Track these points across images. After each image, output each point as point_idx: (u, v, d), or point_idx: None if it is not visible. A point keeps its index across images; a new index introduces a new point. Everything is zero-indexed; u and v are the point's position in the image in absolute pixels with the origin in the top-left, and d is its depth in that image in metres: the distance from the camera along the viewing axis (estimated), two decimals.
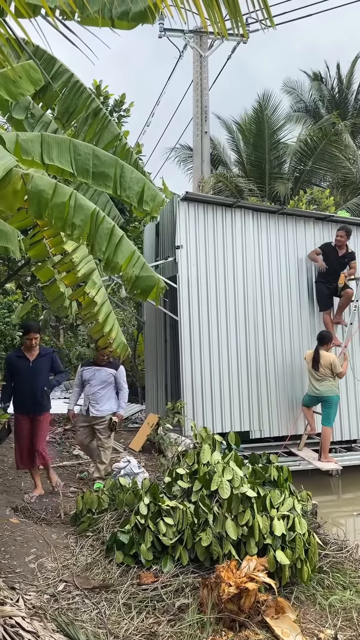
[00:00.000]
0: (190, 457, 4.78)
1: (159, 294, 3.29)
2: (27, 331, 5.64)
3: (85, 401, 6.14)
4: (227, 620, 3.31)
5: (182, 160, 18.50)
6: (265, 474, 4.53)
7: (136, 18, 2.85)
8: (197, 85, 15.66)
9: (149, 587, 3.73)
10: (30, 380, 5.57)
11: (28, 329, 5.65)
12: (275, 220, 8.17)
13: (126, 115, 7.85)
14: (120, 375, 6.23)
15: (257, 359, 7.85)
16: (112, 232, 3.00)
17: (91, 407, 6.05)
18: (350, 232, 8.01)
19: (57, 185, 2.90)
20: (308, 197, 11.38)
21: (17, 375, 5.61)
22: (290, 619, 3.28)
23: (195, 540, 3.98)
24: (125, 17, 2.84)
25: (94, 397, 6.06)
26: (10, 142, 3.17)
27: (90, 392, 6.08)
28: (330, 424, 7.39)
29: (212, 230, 7.81)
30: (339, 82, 19.16)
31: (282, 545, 3.82)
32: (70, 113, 3.94)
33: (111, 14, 3.29)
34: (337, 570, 4.07)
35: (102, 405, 6.08)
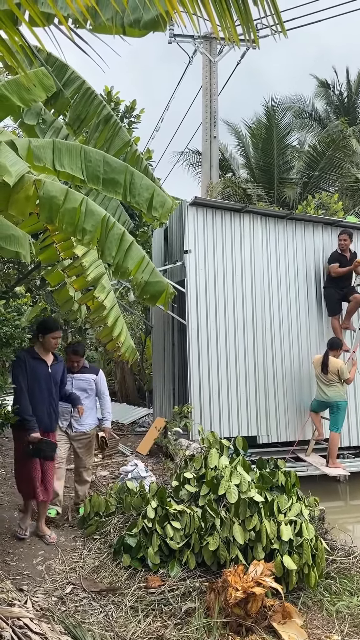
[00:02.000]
0: (197, 462, 4.80)
1: (168, 299, 3.32)
2: (51, 329, 4.70)
3: (63, 415, 5.23)
4: (234, 624, 3.31)
5: (190, 164, 18.57)
6: (273, 479, 4.54)
7: (148, 26, 2.89)
8: (207, 91, 15.74)
9: (156, 591, 3.74)
10: (49, 389, 4.66)
11: (52, 327, 4.74)
12: (283, 225, 8.19)
13: (137, 122, 7.91)
14: (101, 380, 5.51)
15: (265, 363, 7.85)
16: (122, 238, 3.03)
17: (74, 422, 5.27)
18: (352, 235, 8.05)
19: (68, 191, 2.94)
20: (316, 202, 11.38)
21: (34, 381, 4.59)
22: (297, 624, 3.28)
23: (202, 545, 3.99)
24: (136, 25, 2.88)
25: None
26: (22, 149, 3.21)
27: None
28: (338, 429, 7.36)
29: (221, 235, 7.83)
30: (347, 87, 19.19)
31: (289, 550, 3.82)
32: (81, 120, 3.98)
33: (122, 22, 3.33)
34: (345, 577, 4.06)
35: (86, 419, 5.28)
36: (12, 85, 3.57)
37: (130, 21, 3.01)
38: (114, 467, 7.25)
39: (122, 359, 4.87)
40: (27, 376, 4.58)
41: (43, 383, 4.62)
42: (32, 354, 4.67)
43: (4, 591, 3.50)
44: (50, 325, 4.75)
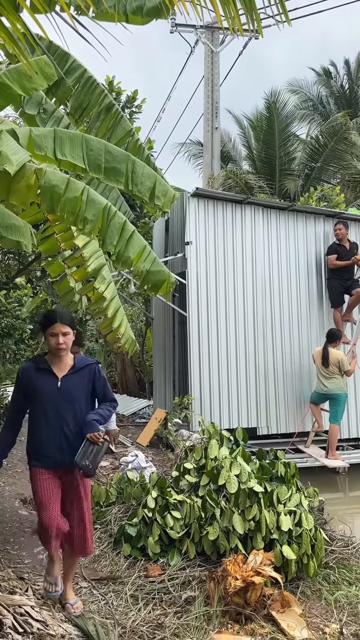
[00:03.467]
0: (197, 452, 4.82)
1: (169, 288, 3.31)
2: (46, 322, 3.26)
3: None
4: (234, 613, 3.34)
5: (192, 155, 18.48)
6: (273, 470, 4.56)
7: (150, 13, 2.86)
8: (208, 81, 15.63)
9: (156, 580, 3.77)
10: (58, 412, 3.25)
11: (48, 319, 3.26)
12: (285, 217, 8.16)
13: (138, 112, 7.87)
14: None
15: (266, 355, 7.86)
16: (123, 227, 3.02)
17: None
18: (347, 224, 8.06)
19: (69, 180, 2.92)
20: (318, 194, 11.34)
21: (36, 401, 3.29)
22: (296, 613, 3.31)
23: (202, 534, 4.01)
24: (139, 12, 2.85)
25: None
26: (23, 138, 3.19)
27: None
28: (338, 421, 7.38)
29: (222, 227, 7.81)
30: (348, 78, 19.06)
31: (288, 540, 3.84)
32: (83, 109, 3.95)
33: (125, 9, 3.31)
34: (343, 567, 4.09)
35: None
36: (13, 74, 3.54)
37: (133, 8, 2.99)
38: (114, 458, 7.28)
39: (122, 350, 4.87)
40: (27, 395, 3.30)
41: (48, 405, 3.23)
42: (37, 363, 3.33)
43: (5, 579, 3.52)
44: (45, 318, 3.29)
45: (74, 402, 3.28)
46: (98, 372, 3.38)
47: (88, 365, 3.35)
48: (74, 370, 3.31)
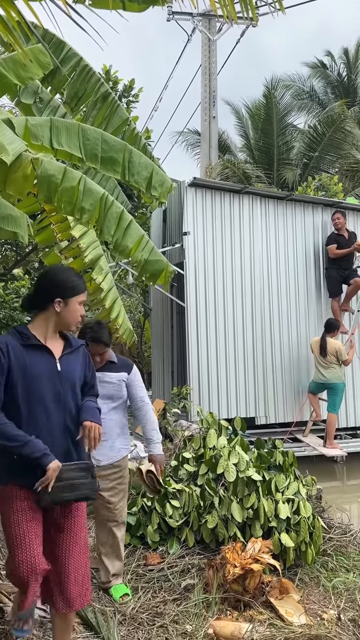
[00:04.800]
0: (196, 442, 4.84)
1: (168, 278, 3.31)
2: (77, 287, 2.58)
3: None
4: (232, 600, 3.37)
5: (190, 144, 18.39)
6: (271, 459, 4.58)
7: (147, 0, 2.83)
8: (206, 70, 15.50)
9: (155, 568, 3.80)
10: (60, 401, 2.51)
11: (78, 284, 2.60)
12: (283, 207, 8.14)
13: (135, 101, 7.81)
14: (136, 380, 3.57)
15: (264, 345, 7.88)
16: (120, 216, 3.02)
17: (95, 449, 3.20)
18: (345, 213, 8.06)
19: (66, 169, 2.91)
20: (316, 183, 11.30)
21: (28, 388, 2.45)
22: (295, 599, 3.34)
23: (201, 523, 4.04)
24: None
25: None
26: (19, 127, 3.17)
27: None
28: (336, 410, 7.42)
29: (220, 217, 7.79)
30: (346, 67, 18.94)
31: (286, 528, 3.87)
32: (79, 97, 3.93)
33: None
34: (341, 554, 4.13)
35: (114, 442, 3.47)
36: (9, 63, 3.52)
37: None
38: None
39: (120, 341, 4.88)
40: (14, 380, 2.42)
41: (47, 390, 2.46)
42: (24, 337, 2.49)
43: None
44: (73, 281, 2.56)
45: (75, 390, 2.57)
46: (89, 356, 2.73)
47: (82, 346, 2.68)
48: (71, 349, 2.60)
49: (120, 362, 3.55)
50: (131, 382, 3.52)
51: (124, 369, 3.53)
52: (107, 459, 3.44)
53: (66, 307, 2.53)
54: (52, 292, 2.52)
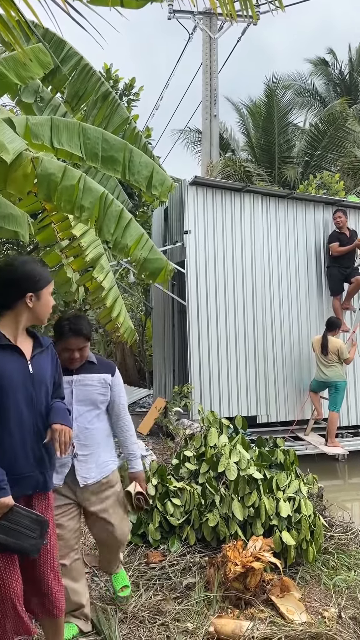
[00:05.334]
0: (197, 440, 4.84)
1: (167, 276, 3.31)
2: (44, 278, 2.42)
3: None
4: (233, 598, 3.38)
5: (191, 142, 18.37)
6: (272, 457, 4.58)
7: None
8: (207, 68, 15.49)
9: (157, 566, 3.80)
10: (32, 405, 2.37)
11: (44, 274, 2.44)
12: (284, 205, 8.14)
13: (136, 99, 7.82)
14: (118, 385, 3.15)
15: (265, 343, 7.88)
16: (120, 215, 3.02)
17: (80, 466, 2.94)
18: (346, 212, 8.07)
19: (66, 168, 2.92)
20: (318, 181, 11.29)
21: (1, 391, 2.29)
22: (295, 597, 3.34)
23: (202, 521, 4.05)
24: None
25: (84, 441, 2.95)
26: (20, 126, 3.17)
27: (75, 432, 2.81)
28: (337, 409, 7.42)
29: (221, 215, 7.79)
30: (349, 65, 18.91)
31: (287, 526, 3.88)
32: (79, 97, 3.93)
33: None
34: (342, 552, 4.13)
35: (99, 455, 3.03)
36: (9, 62, 3.52)
37: None
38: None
39: (121, 339, 4.88)
40: None
41: (19, 393, 2.32)
42: None
43: None
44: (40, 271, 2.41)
45: (48, 392, 2.44)
46: (58, 356, 2.58)
47: (50, 344, 2.52)
48: (41, 348, 2.45)
49: (101, 362, 3.12)
50: (114, 386, 3.08)
51: (105, 370, 3.08)
52: (93, 477, 2.96)
53: (38, 300, 2.37)
54: (21, 287, 2.33)
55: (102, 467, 3.01)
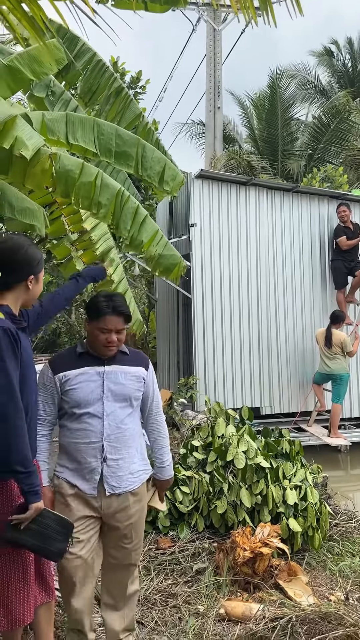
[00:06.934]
0: (204, 430, 4.94)
1: (181, 272, 3.39)
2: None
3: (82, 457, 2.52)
4: (242, 582, 3.49)
5: (194, 135, 18.37)
6: (278, 447, 4.69)
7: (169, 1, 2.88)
8: (210, 60, 15.45)
9: (167, 552, 3.91)
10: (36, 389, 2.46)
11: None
12: (289, 198, 8.20)
13: (142, 92, 7.86)
14: (153, 380, 2.75)
15: (269, 336, 7.97)
16: (136, 211, 3.09)
17: (109, 472, 2.52)
18: (349, 205, 8.13)
19: (84, 164, 2.98)
20: (321, 175, 11.33)
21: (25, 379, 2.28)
22: (303, 581, 3.46)
23: (210, 508, 4.15)
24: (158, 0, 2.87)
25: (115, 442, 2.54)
26: (36, 122, 3.24)
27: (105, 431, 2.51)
28: (340, 401, 7.52)
29: (226, 208, 7.85)
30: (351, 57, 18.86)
31: (294, 513, 3.98)
32: (92, 92, 3.98)
33: None
34: (347, 539, 4.24)
35: (133, 462, 2.61)
36: (24, 58, 3.57)
37: None
38: None
39: (130, 331, 4.96)
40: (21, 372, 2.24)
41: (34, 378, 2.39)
42: (15, 319, 2.31)
43: None
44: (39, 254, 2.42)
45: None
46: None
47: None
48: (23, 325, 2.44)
49: (133, 353, 2.71)
50: (148, 380, 2.69)
51: (139, 362, 2.68)
52: (123, 487, 2.56)
53: (37, 283, 2.38)
54: (25, 269, 2.33)
55: (134, 476, 2.59)
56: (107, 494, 2.51)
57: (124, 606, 2.66)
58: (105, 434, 2.49)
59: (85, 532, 2.50)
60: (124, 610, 2.66)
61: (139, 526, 2.68)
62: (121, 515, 2.56)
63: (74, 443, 2.51)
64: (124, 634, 2.65)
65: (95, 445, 2.49)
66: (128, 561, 2.65)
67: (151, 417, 2.76)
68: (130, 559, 2.65)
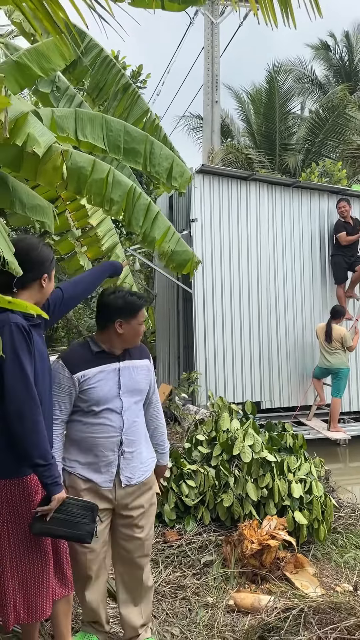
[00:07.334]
0: (208, 425, 4.99)
1: (194, 267, 3.41)
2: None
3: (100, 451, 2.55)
4: (250, 574, 3.54)
5: (192, 128, 18.35)
6: (281, 441, 4.74)
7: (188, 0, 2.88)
8: (208, 53, 15.40)
9: (174, 544, 3.96)
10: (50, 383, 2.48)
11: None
12: (289, 193, 8.23)
13: (143, 87, 7.85)
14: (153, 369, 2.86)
15: (269, 331, 8.02)
16: (148, 208, 3.11)
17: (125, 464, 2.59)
18: (349, 201, 8.18)
19: (95, 161, 3.00)
20: (320, 169, 11.35)
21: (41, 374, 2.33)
22: (309, 573, 3.52)
23: (216, 501, 4.20)
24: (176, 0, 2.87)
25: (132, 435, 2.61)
26: (46, 119, 3.24)
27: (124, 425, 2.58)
28: (340, 395, 7.59)
29: (227, 203, 7.87)
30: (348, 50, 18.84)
31: (300, 506, 4.04)
32: (100, 88, 3.98)
33: None
34: (350, 532, 4.31)
35: (142, 451, 2.69)
36: (32, 54, 3.57)
37: None
38: None
39: None
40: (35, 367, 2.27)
41: (47, 375, 2.42)
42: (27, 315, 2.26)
43: None
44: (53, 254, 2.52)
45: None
46: None
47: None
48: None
49: (136, 347, 2.73)
50: (152, 372, 2.81)
51: (145, 354, 2.76)
52: (137, 477, 2.63)
53: (50, 282, 2.45)
54: (39, 269, 2.39)
55: (145, 466, 2.68)
56: (122, 485, 2.58)
57: (140, 602, 2.73)
58: (124, 428, 2.57)
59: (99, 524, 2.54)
60: (140, 605, 2.73)
61: (150, 514, 2.73)
62: (134, 504, 2.62)
63: (91, 438, 2.54)
64: (142, 629, 2.72)
65: (114, 440, 2.55)
66: (140, 552, 2.69)
67: (151, 406, 2.84)
68: (142, 550, 2.69)
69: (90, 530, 2.32)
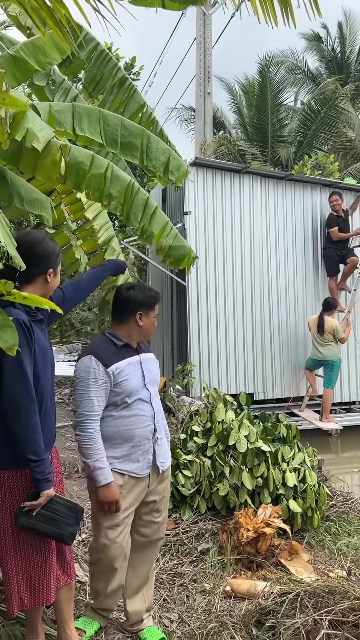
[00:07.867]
0: (203, 416, 5.06)
1: (191, 263, 3.46)
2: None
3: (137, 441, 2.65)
4: (246, 561, 3.63)
5: (184, 120, 18.30)
6: (275, 432, 4.82)
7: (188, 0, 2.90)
8: (200, 44, 15.32)
9: (171, 533, 4.03)
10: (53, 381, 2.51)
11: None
12: (282, 186, 8.28)
13: (136, 79, 7.84)
14: None
15: (262, 323, 8.10)
16: (146, 203, 3.15)
17: (159, 450, 2.75)
18: (341, 194, 8.27)
19: (94, 156, 3.02)
20: (312, 162, 11.40)
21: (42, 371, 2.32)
22: (304, 559, 3.61)
23: (212, 491, 4.28)
24: None
25: (160, 422, 2.78)
26: (44, 113, 3.26)
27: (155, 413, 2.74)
28: (332, 386, 7.70)
29: (221, 196, 7.91)
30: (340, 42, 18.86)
31: (294, 495, 4.13)
32: (96, 82, 3.99)
33: None
34: (343, 519, 4.41)
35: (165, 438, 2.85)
36: (29, 48, 3.58)
37: None
38: None
39: None
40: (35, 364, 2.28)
41: (50, 370, 2.40)
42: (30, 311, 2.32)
43: None
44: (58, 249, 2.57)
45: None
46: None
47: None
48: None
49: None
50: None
51: (149, 349, 2.94)
52: (168, 461, 2.84)
53: (55, 276, 2.47)
54: (45, 263, 2.41)
55: (168, 450, 2.87)
56: (160, 470, 2.75)
57: (143, 587, 2.86)
58: (155, 415, 2.72)
59: (129, 518, 2.68)
60: (143, 591, 2.85)
61: (168, 498, 2.93)
62: (158, 488, 2.79)
63: (127, 430, 2.63)
64: (146, 614, 2.84)
65: (149, 428, 2.69)
66: (157, 536, 2.86)
67: None
68: (159, 533, 2.86)
69: (73, 532, 2.35)
